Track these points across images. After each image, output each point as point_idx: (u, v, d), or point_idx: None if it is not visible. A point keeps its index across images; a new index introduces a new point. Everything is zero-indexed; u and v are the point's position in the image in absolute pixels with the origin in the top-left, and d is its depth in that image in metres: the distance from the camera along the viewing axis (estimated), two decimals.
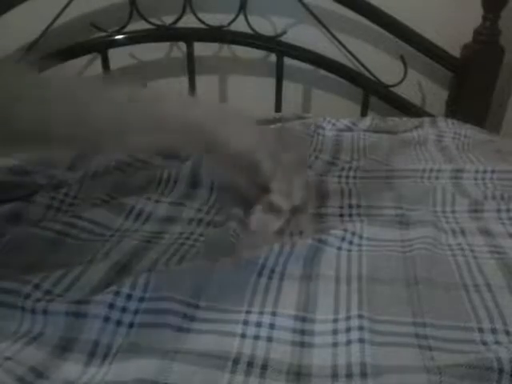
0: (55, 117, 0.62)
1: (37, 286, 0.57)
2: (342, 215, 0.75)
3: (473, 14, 1.17)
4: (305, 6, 1.17)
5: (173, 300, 0.55)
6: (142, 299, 0.55)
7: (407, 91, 1.27)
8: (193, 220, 0.75)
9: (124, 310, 0.54)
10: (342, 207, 0.77)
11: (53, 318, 0.53)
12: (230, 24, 1.19)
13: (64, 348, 0.50)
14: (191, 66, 1.25)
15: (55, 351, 0.50)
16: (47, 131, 0.63)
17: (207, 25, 1.19)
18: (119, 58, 1.27)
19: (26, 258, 0.63)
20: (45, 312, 0.53)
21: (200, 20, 1.18)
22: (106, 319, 0.53)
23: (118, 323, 0.53)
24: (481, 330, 0.52)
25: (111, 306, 0.54)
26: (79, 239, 0.68)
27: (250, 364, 0.48)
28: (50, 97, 0.64)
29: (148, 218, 0.74)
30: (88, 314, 0.53)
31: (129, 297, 0.55)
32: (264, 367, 0.48)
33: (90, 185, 0.81)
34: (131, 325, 0.53)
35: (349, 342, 0.51)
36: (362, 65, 1.23)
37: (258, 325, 0.53)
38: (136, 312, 0.54)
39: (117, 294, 0.55)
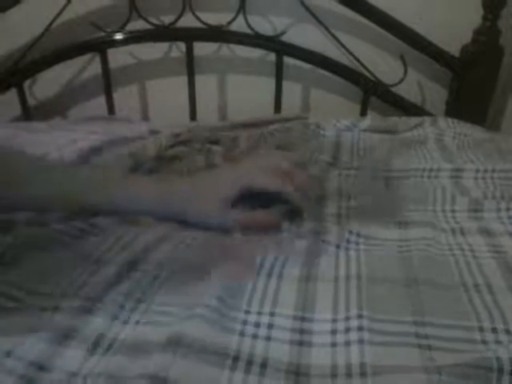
0: None
1: (49, 295, 0.57)
2: (340, 214, 0.75)
3: (473, 14, 1.16)
4: (304, 5, 1.17)
5: (179, 306, 0.55)
6: (151, 302, 0.56)
7: (407, 91, 1.27)
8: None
9: (133, 310, 0.55)
10: (340, 207, 0.77)
11: (61, 315, 0.53)
12: (229, 23, 1.19)
13: (67, 336, 0.51)
14: (190, 66, 1.25)
15: (58, 339, 0.50)
16: None
17: (207, 24, 1.19)
18: (118, 57, 1.27)
19: (34, 261, 0.63)
20: (55, 309, 0.54)
21: (199, 20, 1.18)
22: (115, 317, 0.53)
23: (125, 322, 0.53)
24: (481, 330, 0.52)
25: (122, 307, 0.55)
26: (88, 241, 0.68)
27: (249, 362, 0.48)
28: None
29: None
30: (96, 311, 0.54)
31: (138, 300, 0.56)
32: (263, 366, 0.48)
33: None
34: (137, 322, 0.53)
35: (348, 343, 0.50)
36: (362, 64, 1.22)
37: (257, 325, 0.53)
38: (145, 312, 0.55)
39: (128, 295, 0.56)
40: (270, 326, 0.53)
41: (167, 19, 1.20)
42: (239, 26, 1.19)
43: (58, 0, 1.13)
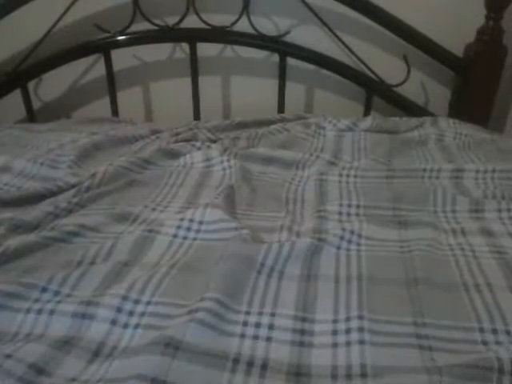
0: None
1: (44, 290, 0.57)
2: (340, 214, 0.76)
3: (476, 14, 1.16)
4: (308, 6, 1.17)
5: (178, 306, 0.55)
6: (149, 303, 0.56)
7: (410, 91, 1.27)
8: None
9: (131, 313, 0.55)
10: (341, 206, 0.77)
11: (58, 318, 0.53)
12: (233, 24, 1.19)
13: (67, 343, 0.51)
14: (194, 67, 1.25)
15: (57, 345, 0.50)
16: None
17: (210, 25, 1.20)
18: (122, 58, 1.27)
19: (26, 263, 0.63)
20: (52, 312, 0.54)
21: (203, 20, 1.18)
22: (114, 322, 0.54)
23: (125, 326, 0.53)
24: (481, 330, 0.52)
25: (119, 309, 0.55)
26: (79, 243, 0.69)
27: (249, 364, 0.48)
28: None
29: (150, 223, 0.74)
30: (95, 316, 0.54)
31: (136, 301, 0.56)
32: (264, 367, 0.48)
33: (95, 194, 0.81)
34: (137, 326, 0.53)
35: (349, 343, 0.51)
36: (365, 65, 1.22)
37: (258, 326, 0.53)
38: (143, 314, 0.55)
39: (125, 298, 0.56)
40: (271, 327, 0.53)
41: (171, 20, 1.20)
42: (242, 27, 1.19)
43: (62, 1, 1.14)
